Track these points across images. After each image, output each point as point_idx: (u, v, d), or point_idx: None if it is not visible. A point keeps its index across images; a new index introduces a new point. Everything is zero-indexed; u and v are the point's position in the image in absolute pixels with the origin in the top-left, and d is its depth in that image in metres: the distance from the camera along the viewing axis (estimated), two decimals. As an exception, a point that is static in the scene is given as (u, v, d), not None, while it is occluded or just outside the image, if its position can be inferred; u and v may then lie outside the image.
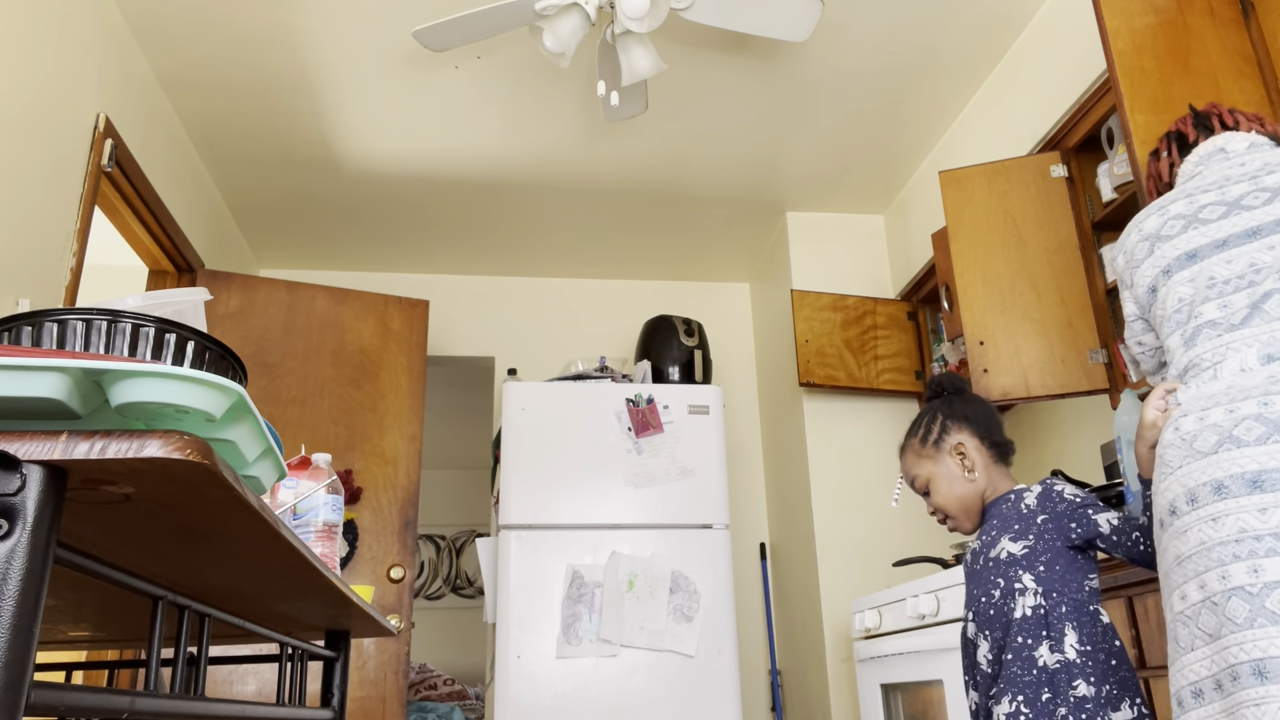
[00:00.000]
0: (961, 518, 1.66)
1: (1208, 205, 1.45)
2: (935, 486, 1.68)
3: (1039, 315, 2.70)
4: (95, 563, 0.71)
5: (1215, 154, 1.52)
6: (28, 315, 0.80)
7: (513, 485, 3.21)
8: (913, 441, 1.72)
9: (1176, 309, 1.44)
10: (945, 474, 1.67)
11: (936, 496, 1.68)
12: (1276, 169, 1.42)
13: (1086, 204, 2.78)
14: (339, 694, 1.53)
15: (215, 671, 3.11)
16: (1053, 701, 1.41)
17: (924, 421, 1.72)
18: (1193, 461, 1.30)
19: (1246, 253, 1.37)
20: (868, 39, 3.00)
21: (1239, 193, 1.42)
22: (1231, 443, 1.26)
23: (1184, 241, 1.45)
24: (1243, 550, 1.21)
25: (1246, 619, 1.19)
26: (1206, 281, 1.40)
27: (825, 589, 3.49)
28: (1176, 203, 1.50)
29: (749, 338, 4.61)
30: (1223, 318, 1.37)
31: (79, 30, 2.52)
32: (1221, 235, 1.41)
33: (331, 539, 1.46)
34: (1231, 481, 1.25)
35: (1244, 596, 1.20)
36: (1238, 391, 1.29)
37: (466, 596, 6.73)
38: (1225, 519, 1.24)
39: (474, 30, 2.53)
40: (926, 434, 1.70)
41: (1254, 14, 2.16)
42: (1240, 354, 1.32)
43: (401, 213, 3.96)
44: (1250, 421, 1.26)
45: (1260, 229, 1.37)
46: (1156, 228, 1.51)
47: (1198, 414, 1.32)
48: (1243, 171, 1.45)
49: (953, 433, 1.67)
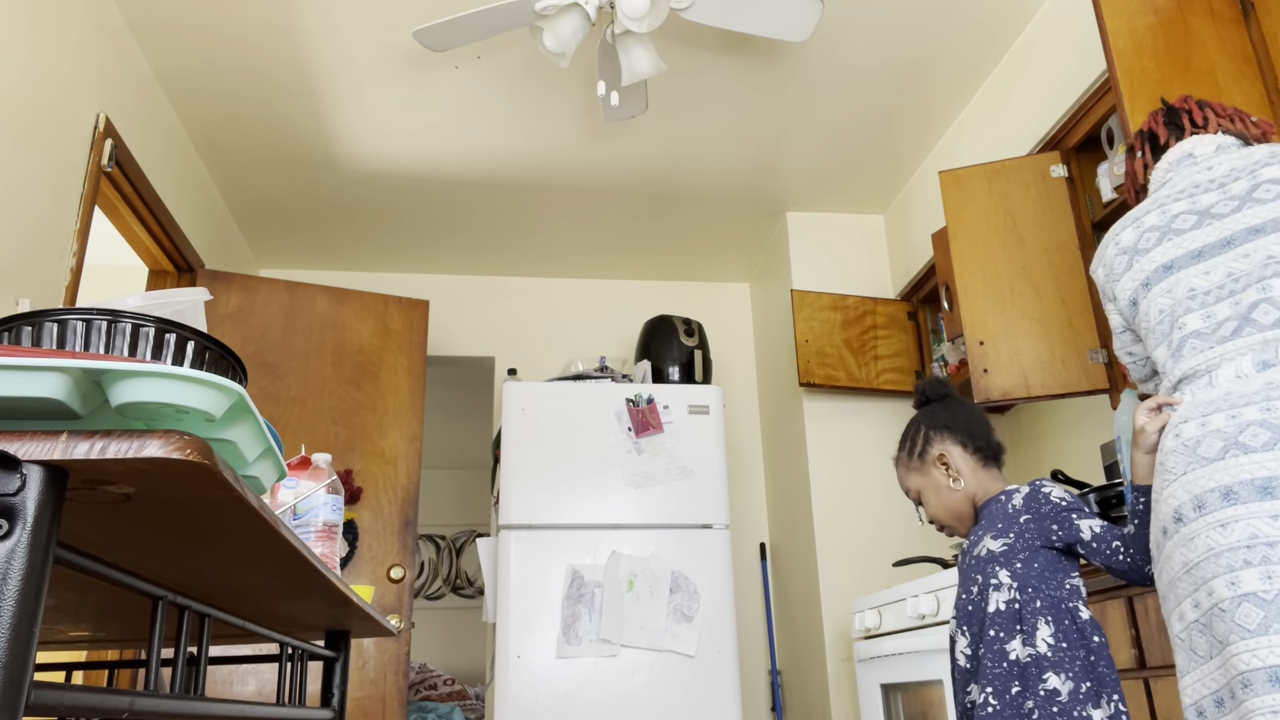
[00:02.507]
0: (955, 524, 1.68)
1: (1179, 215, 1.45)
2: (925, 498, 1.70)
3: (1039, 315, 2.70)
4: (95, 563, 0.71)
5: (1183, 160, 1.52)
6: (28, 315, 0.80)
7: (513, 485, 3.21)
8: (901, 455, 1.75)
9: (1159, 320, 1.44)
10: (933, 485, 1.68)
11: (928, 507, 1.70)
12: (1242, 174, 1.41)
13: (1086, 204, 2.78)
14: (339, 694, 1.53)
15: (215, 671, 3.11)
16: (1022, 694, 1.40)
17: (909, 434, 1.74)
18: (1198, 467, 1.29)
19: (1223, 263, 1.37)
20: (868, 39, 3.00)
21: (1209, 202, 1.43)
22: (1238, 448, 1.25)
23: (1160, 254, 1.45)
24: (1255, 556, 1.20)
25: (1261, 625, 1.17)
26: (1186, 293, 1.40)
27: (825, 589, 3.49)
28: (1150, 214, 1.50)
29: (749, 338, 4.61)
30: (1208, 328, 1.36)
31: (79, 30, 2.52)
32: (1196, 246, 1.41)
33: (331, 539, 1.46)
34: (1241, 488, 1.24)
35: (1257, 602, 1.18)
36: (1238, 398, 1.28)
37: (466, 596, 6.73)
38: (1235, 525, 1.23)
39: (474, 30, 2.53)
40: (912, 447, 1.72)
41: (1254, 14, 2.16)
42: (1234, 362, 1.32)
43: (401, 213, 3.96)
44: (1255, 427, 1.25)
45: (1233, 238, 1.37)
46: (1133, 241, 1.51)
47: (1199, 420, 1.31)
48: (1210, 178, 1.45)
49: (935, 443, 1.68)
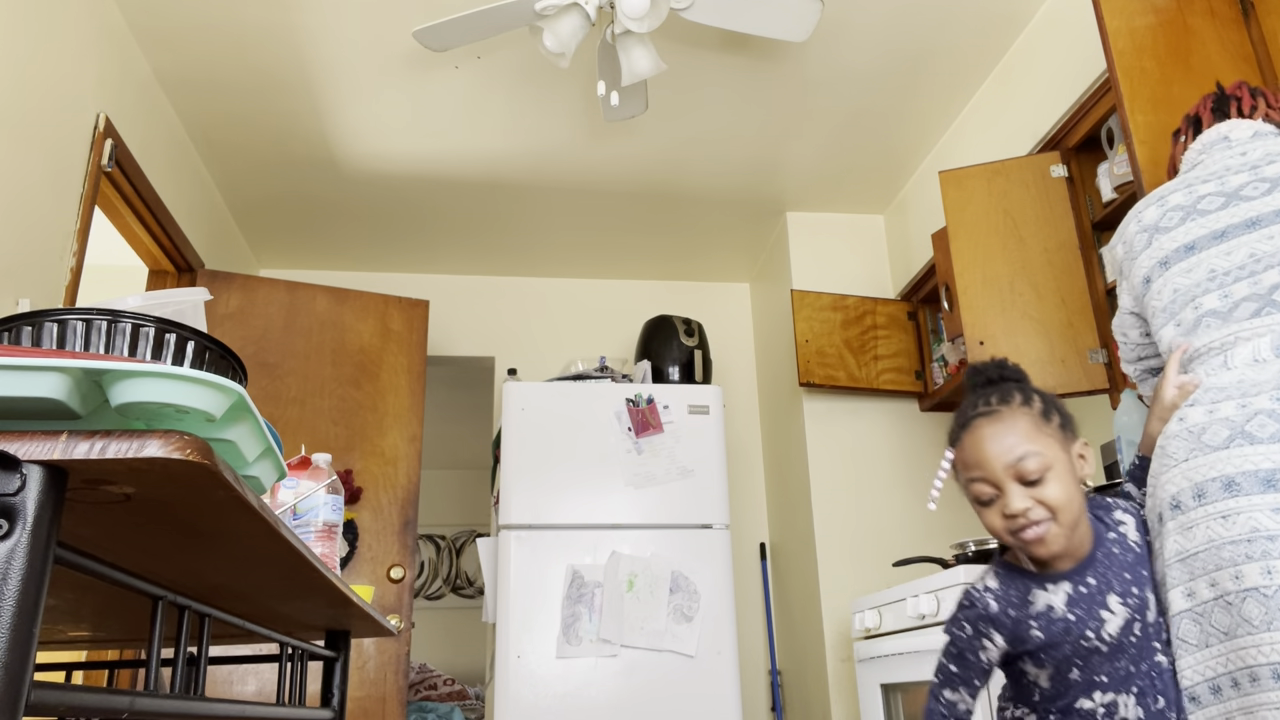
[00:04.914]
0: (1067, 530, 1.23)
1: (1206, 196, 1.43)
2: (1056, 476, 1.22)
3: (1039, 315, 2.70)
4: (95, 563, 0.71)
5: (1218, 142, 1.50)
6: (28, 315, 0.80)
7: (513, 485, 3.21)
8: (1029, 411, 1.25)
9: (1171, 299, 1.42)
10: (1069, 471, 1.24)
11: (1052, 490, 1.21)
12: (1277, 159, 1.40)
13: (1086, 204, 2.78)
14: (339, 694, 1.53)
15: (215, 671, 3.11)
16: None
17: (1037, 395, 1.28)
18: (1200, 455, 1.27)
19: (1246, 243, 1.35)
20: (868, 39, 3.00)
21: (1239, 183, 1.41)
22: (1244, 438, 1.23)
23: (1182, 234, 1.43)
24: (1255, 550, 1.19)
25: (1264, 621, 1.17)
26: (1206, 274, 1.38)
27: (825, 589, 3.49)
28: (1176, 193, 1.48)
29: (749, 338, 4.61)
30: (1225, 307, 1.34)
31: (79, 30, 2.52)
32: (1220, 226, 1.39)
33: (331, 539, 1.46)
34: (1244, 479, 1.21)
35: (1259, 598, 1.18)
36: (1250, 385, 1.26)
37: (466, 596, 6.73)
38: (1237, 517, 1.21)
39: (474, 30, 2.53)
40: (1049, 409, 1.26)
41: (1254, 14, 2.16)
42: (1252, 344, 1.29)
43: (401, 213, 3.96)
44: (1263, 417, 1.23)
45: (1260, 219, 1.35)
46: (1155, 219, 1.49)
47: (1207, 406, 1.29)
48: (1243, 161, 1.43)
49: (1076, 429, 1.29)
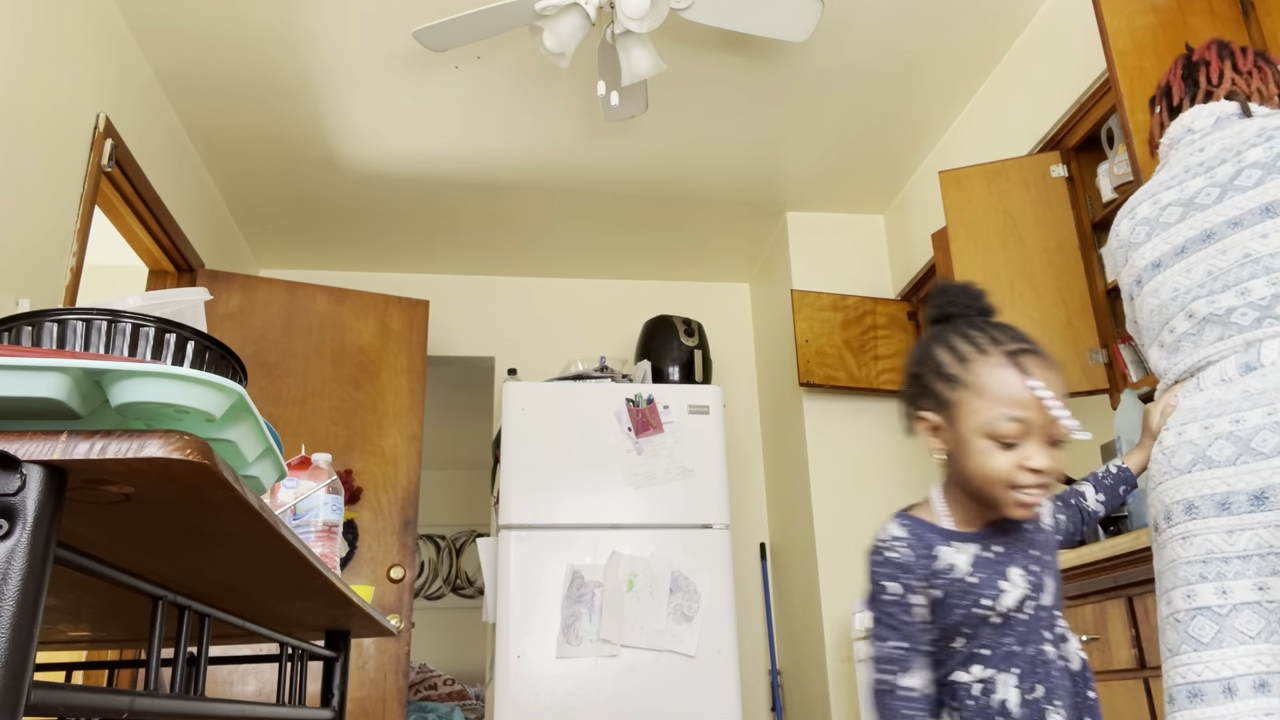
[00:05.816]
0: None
1: (1168, 206, 1.45)
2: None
3: (1039, 315, 2.70)
4: (95, 563, 0.71)
5: (1182, 137, 1.51)
6: (28, 315, 0.80)
7: (513, 485, 3.21)
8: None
9: (1149, 320, 1.46)
10: None
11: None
12: (1229, 157, 1.40)
13: (1086, 204, 2.78)
14: (339, 694, 1.53)
15: (215, 671, 3.11)
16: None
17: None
18: (1170, 478, 1.32)
19: (1203, 259, 1.37)
20: (868, 39, 3.00)
21: (1195, 189, 1.42)
22: (1204, 463, 1.27)
23: (1150, 250, 1.46)
24: (1210, 571, 1.24)
25: (1214, 639, 1.21)
26: (1171, 293, 1.41)
27: (825, 589, 3.49)
28: (1143, 204, 1.50)
29: (749, 338, 4.61)
30: (1193, 329, 1.37)
31: (79, 30, 2.52)
32: (1180, 241, 1.41)
33: (331, 539, 1.46)
34: (1202, 502, 1.26)
35: (1211, 616, 1.22)
36: (1215, 406, 1.29)
37: (466, 596, 6.73)
38: (1194, 539, 1.26)
39: (474, 30, 2.53)
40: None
41: (1254, 14, 2.16)
42: (1219, 365, 1.32)
43: (401, 213, 3.96)
44: (1222, 441, 1.26)
45: (1213, 232, 1.36)
46: (1128, 234, 1.52)
47: (1177, 429, 1.33)
48: (1200, 160, 1.44)
49: None
